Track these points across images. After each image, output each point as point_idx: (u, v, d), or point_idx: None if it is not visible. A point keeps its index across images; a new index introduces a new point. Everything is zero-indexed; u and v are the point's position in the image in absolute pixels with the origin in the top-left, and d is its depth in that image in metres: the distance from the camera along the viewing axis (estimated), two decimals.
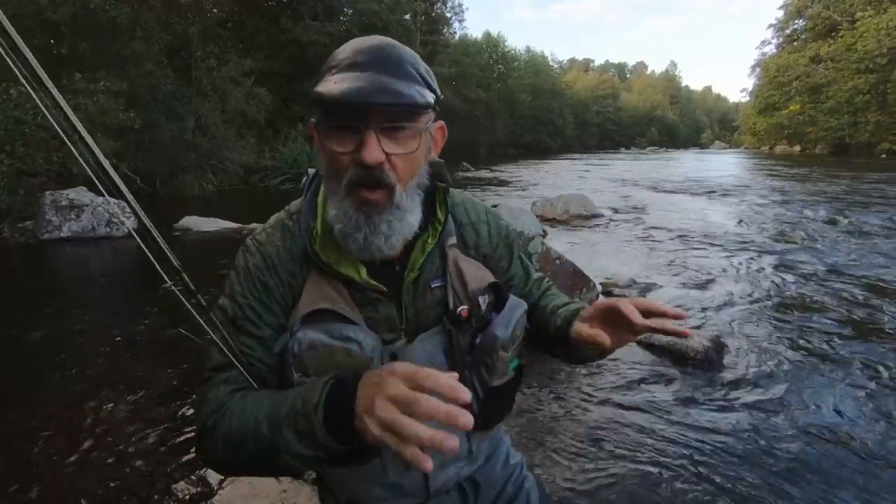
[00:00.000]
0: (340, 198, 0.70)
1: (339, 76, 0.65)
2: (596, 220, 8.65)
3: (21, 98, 7.69)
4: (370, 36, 0.72)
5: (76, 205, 7.45)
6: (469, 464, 0.89)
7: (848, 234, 7.11)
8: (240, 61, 15.21)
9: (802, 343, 3.47)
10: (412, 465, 0.50)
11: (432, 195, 0.80)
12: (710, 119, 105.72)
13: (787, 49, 46.00)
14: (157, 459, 2.31)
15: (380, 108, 0.64)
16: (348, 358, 0.69)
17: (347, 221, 0.70)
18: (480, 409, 0.81)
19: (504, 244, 0.92)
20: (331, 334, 0.70)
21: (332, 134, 0.68)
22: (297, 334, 0.70)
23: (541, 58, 61.12)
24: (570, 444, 2.38)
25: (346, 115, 0.65)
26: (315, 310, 0.71)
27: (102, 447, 2.39)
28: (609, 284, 4.57)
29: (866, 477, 2.10)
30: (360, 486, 0.83)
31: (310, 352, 0.69)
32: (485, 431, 0.89)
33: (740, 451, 2.29)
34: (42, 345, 3.59)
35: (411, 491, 0.83)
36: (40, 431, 2.54)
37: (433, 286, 0.80)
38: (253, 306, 0.75)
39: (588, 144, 63.62)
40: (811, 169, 20.73)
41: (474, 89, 37.01)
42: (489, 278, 0.83)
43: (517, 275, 0.95)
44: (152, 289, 4.97)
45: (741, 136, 61.81)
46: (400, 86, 0.65)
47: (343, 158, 0.68)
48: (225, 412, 0.69)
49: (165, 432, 2.52)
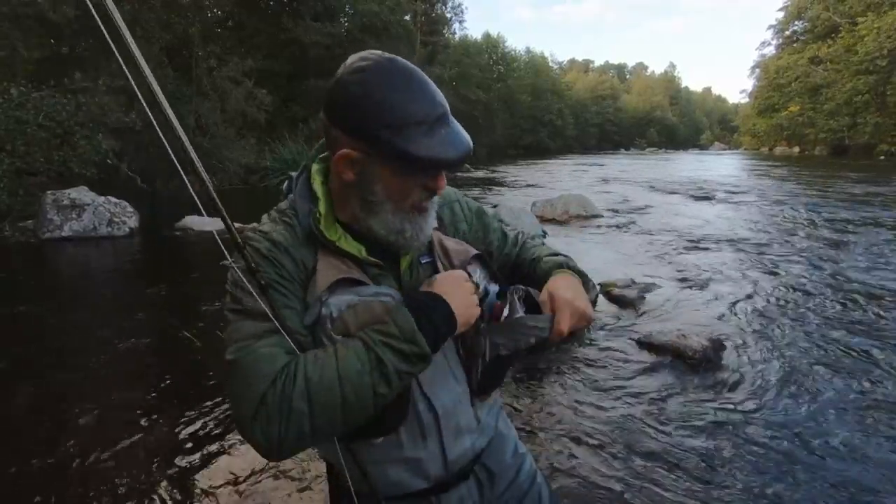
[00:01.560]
0: (405, 212, 0.79)
1: (430, 141, 0.72)
2: (596, 221, 8.67)
3: (22, 97, 7.71)
4: (407, 64, 0.76)
5: (77, 204, 7.47)
6: (480, 435, 0.92)
7: (846, 235, 7.13)
8: (240, 61, 15.23)
9: (800, 343, 3.48)
10: None
11: None
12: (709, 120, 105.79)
13: (786, 50, 46.05)
14: (155, 458, 2.32)
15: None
16: (384, 307, 0.76)
17: (406, 227, 0.80)
18: (482, 375, 0.86)
19: (477, 217, 1.00)
20: (361, 294, 0.76)
21: (409, 175, 0.76)
22: (328, 301, 0.75)
23: (541, 58, 61.18)
24: (565, 440, 2.39)
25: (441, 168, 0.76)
26: (336, 280, 0.76)
27: (103, 446, 2.40)
28: (608, 285, 4.58)
29: (861, 475, 2.12)
30: (377, 469, 0.83)
31: (349, 311, 0.75)
32: (485, 398, 0.93)
33: (736, 450, 2.30)
34: (42, 343, 3.60)
35: (429, 465, 0.84)
36: (40, 428, 2.56)
37: (423, 262, 0.87)
38: (276, 279, 0.76)
39: (587, 145, 63.68)
40: (810, 170, 20.77)
41: (474, 90, 37.04)
42: (472, 251, 0.91)
43: (496, 240, 1.02)
44: (153, 288, 4.99)
45: (740, 138, 61.89)
46: (468, 139, 0.76)
47: (417, 189, 0.77)
48: (298, 368, 0.68)
49: (165, 431, 2.53)
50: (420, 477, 0.85)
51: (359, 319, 0.74)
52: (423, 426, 0.83)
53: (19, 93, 7.73)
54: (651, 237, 7.29)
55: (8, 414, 2.70)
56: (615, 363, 3.23)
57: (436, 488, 0.87)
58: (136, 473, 2.21)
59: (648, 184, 15.69)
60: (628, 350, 3.42)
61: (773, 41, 49.84)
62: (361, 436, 0.79)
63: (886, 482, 2.07)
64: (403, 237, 0.79)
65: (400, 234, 0.79)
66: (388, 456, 0.83)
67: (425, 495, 0.87)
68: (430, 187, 0.77)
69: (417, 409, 0.81)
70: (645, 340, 3.48)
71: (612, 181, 16.85)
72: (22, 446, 2.41)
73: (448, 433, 0.85)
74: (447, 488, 0.88)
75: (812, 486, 2.07)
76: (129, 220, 7.84)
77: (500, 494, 0.96)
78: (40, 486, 2.12)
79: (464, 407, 0.88)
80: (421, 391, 0.81)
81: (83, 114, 8.32)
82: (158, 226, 8.05)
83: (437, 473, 0.86)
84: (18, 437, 2.50)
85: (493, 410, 0.98)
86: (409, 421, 0.81)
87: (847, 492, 2.03)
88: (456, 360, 0.86)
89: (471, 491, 0.92)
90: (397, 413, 0.79)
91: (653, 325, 3.81)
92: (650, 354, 3.33)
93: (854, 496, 2.00)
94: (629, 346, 3.48)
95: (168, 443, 2.43)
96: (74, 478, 2.18)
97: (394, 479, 0.84)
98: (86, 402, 2.81)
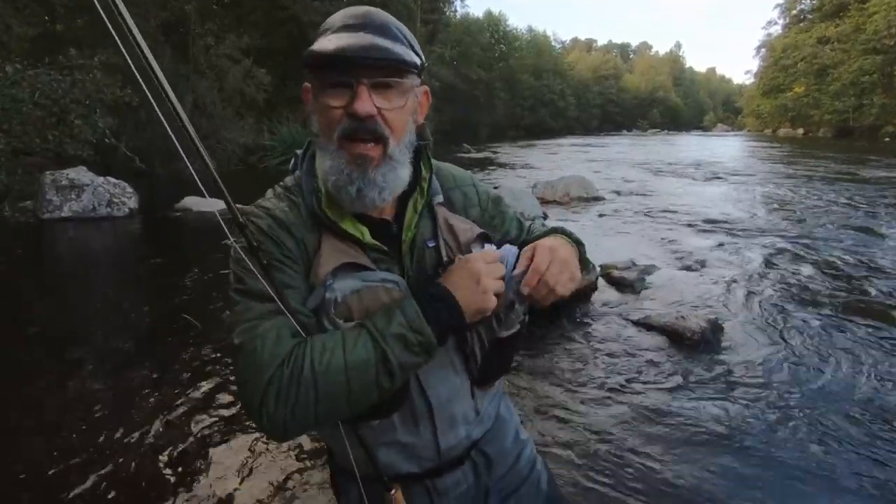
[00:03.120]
0: (333, 151, 0.74)
1: (333, 36, 0.70)
2: (596, 203, 8.64)
3: (17, 75, 7.59)
4: (360, 5, 0.76)
5: (76, 184, 7.43)
6: (478, 425, 0.91)
7: (847, 218, 7.11)
8: (237, 39, 14.96)
9: (799, 324, 3.50)
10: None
11: (417, 156, 0.84)
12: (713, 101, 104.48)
13: (793, 29, 45.27)
14: (156, 437, 2.35)
15: (370, 63, 0.69)
16: (389, 294, 0.74)
17: (340, 174, 0.73)
18: (483, 362, 0.85)
19: (494, 203, 0.96)
20: (366, 279, 0.74)
21: (325, 90, 0.72)
22: (332, 286, 0.73)
23: (543, 37, 60.23)
24: (562, 421, 2.43)
25: (340, 70, 0.70)
26: (341, 264, 0.74)
27: (102, 426, 2.44)
28: (608, 266, 4.59)
29: (857, 452, 2.15)
30: (371, 452, 0.83)
31: (354, 296, 0.73)
32: (488, 388, 0.91)
33: (733, 430, 2.33)
34: (42, 323, 3.62)
35: (423, 451, 0.84)
36: (38, 408, 2.59)
37: (429, 246, 0.84)
38: (278, 258, 0.75)
39: (589, 126, 63.03)
40: (814, 152, 20.60)
41: (475, 69, 36.57)
42: (477, 230, 0.87)
43: (513, 228, 0.98)
44: (154, 270, 5.00)
45: (744, 119, 61.22)
46: (389, 44, 0.70)
47: (336, 112, 0.72)
48: (304, 353, 0.68)
49: (164, 411, 2.56)
50: (412, 461, 0.85)
51: (363, 305, 0.73)
52: (415, 414, 0.82)
53: (14, 70, 7.60)
54: (652, 219, 7.27)
55: (6, 393, 2.72)
56: (614, 344, 3.25)
57: (429, 473, 0.87)
58: (136, 451, 2.24)
59: (650, 166, 15.59)
60: (627, 331, 3.44)
61: (780, 20, 49.04)
62: (357, 418, 0.78)
63: (881, 460, 2.11)
64: (349, 190, 0.73)
65: (345, 185, 0.73)
66: (382, 438, 0.83)
67: (419, 479, 0.87)
68: (349, 111, 0.70)
69: (411, 397, 0.80)
70: (644, 322, 3.50)
71: (614, 163, 16.74)
72: (22, 426, 2.44)
73: (442, 423, 0.84)
74: (441, 473, 0.88)
75: (806, 464, 2.10)
76: (129, 200, 7.81)
77: (498, 480, 0.95)
78: (39, 467, 2.15)
79: (462, 398, 0.86)
80: (416, 380, 0.80)
81: (79, 91, 8.19)
82: (158, 206, 8.03)
83: (430, 460, 0.86)
84: (16, 413, 2.53)
85: (496, 398, 0.97)
86: (402, 407, 0.80)
87: (843, 469, 2.06)
88: (455, 351, 0.84)
89: (466, 476, 0.91)
90: (395, 398, 0.77)
91: (652, 307, 3.82)
92: (649, 335, 3.35)
93: (851, 473, 2.04)
94: (628, 327, 3.50)
95: (168, 423, 2.46)
96: (72, 459, 2.20)
97: (385, 461, 0.84)
98: (85, 380, 2.85)
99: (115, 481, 2.05)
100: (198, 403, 2.61)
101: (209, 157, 0.69)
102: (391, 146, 0.74)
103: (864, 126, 34.73)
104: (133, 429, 2.39)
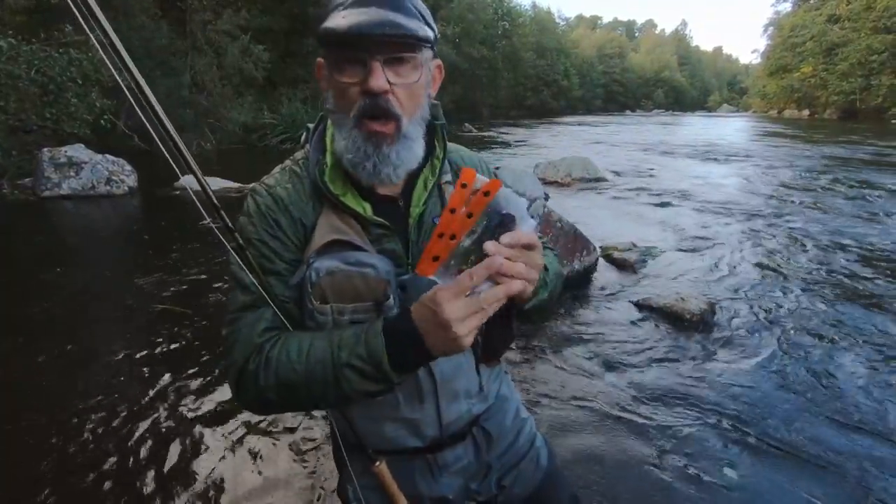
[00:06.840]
0: (349, 128, 0.74)
1: (346, 12, 0.69)
2: (599, 184, 8.58)
3: (12, 50, 7.45)
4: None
5: (75, 162, 7.39)
6: (480, 402, 0.93)
7: (848, 200, 7.07)
8: (235, 14, 14.68)
9: (799, 306, 3.51)
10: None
11: (430, 133, 0.84)
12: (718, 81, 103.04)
13: (803, 7, 44.34)
14: (153, 419, 2.38)
15: (384, 39, 0.68)
16: (364, 281, 0.74)
17: (357, 151, 0.74)
18: (485, 336, 0.84)
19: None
20: (346, 261, 0.74)
21: (340, 67, 0.72)
22: (313, 264, 0.74)
23: (546, 14, 59.10)
24: (562, 400, 2.45)
25: (353, 47, 0.70)
26: (329, 241, 0.75)
27: (100, 406, 2.46)
28: (609, 248, 4.58)
29: (855, 428, 2.18)
30: (373, 425, 0.85)
31: (327, 278, 0.73)
32: (492, 363, 0.91)
33: (731, 410, 2.36)
34: (41, 302, 3.63)
35: (425, 426, 0.87)
36: (35, 388, 2.60)
37: (436, 222, 0.82)
38: (268, 243, 0.77)
39: (592, 106, 62.34)
40: (819, 134, 20.38)
41: (478, 47, 35.89)
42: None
43: None
44: (154, 249, 5.00)
45: (749, 100, 60.46)
46: (401, 19, 0.69)
47: (351, 90, 0.72)
48: (271, 357, 0.71)
49: (162, 392, 2.59)
50: (415, 436, 0.87)
51: (335, 289, 0.73)
52: (421, 391, 0.84)
53: (9, 45, 7.47)
54: (654, 200, 7.23)
55: (4, 373, 2.74)
56: (614, 325, 3.26)
57: (430, 447, 0.89)
58: (133, 434, 2.27)
59: (653, 147, 15.45)
60: (627, 312, 3.45)
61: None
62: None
63: (883, 434, 2.13)
64: (366, 165, 0.74)
65: (361, 161, 0.74)
66: (385, 414, 0.85)
67: (420, 453, 0.89)
68: (364, 88, 0.70)
69: (417, 375, 0.81)
70: (644, 303, 3.51)
71: (617, 144, 16.59)
72: (20, 403, 2.46)
73: (445, 398, 0.86)
74: (442, 448, 0.90)
75: (805, 444, 2.13)
76: (128, 178, 7.77)
77: (499, 456, 0.98)
78: (35, 448, 2.17)
79: (466, 373, 0.88)
80: None
81: (76, 70, 8.07)
82: (157, 185, 7.98)
83: (432, 434, 0.88)
84: (13, 393, 2.55)
85: (498, 376, 0.99)
86: (408, 383, 0.81)
87: (842, 446, 2.09)
88: None
89: (467, 451, 0.94)
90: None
91: (652, 288, 3.83)
92: (649, 316, 3.37)
93: (850, 450, 2.06)
94: (629, 308, 3.51)
95: (165, 404, 2.48)
96: (69, 441, 2.23)
97: (389, 436, 0.86)
98: (82, 361, 2.86)
99: (114, 459, 2.08)
100: (194, 381, 2.63)
101: (179, 137, 0.69)
102: (405, 123, 0.74)
103: (870, 108, 34.28)
104: (129, 406, 2.42)
